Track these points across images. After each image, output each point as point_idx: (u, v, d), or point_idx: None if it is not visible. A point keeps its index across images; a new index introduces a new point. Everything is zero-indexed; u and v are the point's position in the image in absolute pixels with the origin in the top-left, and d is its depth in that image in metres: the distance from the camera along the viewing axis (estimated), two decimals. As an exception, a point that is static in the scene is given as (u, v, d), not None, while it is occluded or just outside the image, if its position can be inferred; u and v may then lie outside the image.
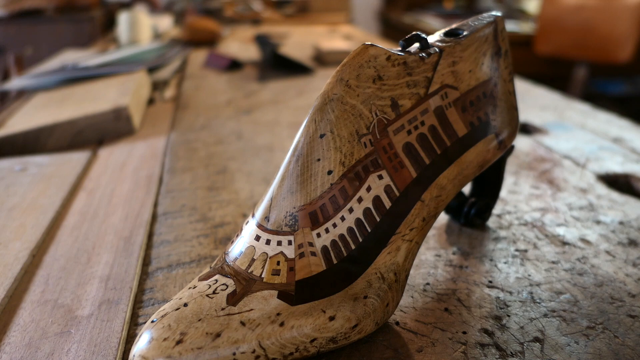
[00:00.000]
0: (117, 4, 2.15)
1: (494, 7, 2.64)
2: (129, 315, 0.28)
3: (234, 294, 0.24)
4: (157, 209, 0.40)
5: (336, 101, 0.24)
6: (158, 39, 1.26)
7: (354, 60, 0.25)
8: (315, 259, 0.24)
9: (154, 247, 0.35)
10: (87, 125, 0.56)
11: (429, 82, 0.26)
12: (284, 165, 0.25)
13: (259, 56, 1.02)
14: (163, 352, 0.21)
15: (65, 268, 0.32)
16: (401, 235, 0.25)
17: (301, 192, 0.24)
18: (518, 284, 0.30)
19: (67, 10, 1.98)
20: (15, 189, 0.43)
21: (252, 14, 1.75)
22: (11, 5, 1.88)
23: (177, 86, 0.82)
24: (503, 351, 0.25)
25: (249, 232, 0.25)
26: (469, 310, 0.28)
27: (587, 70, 1.90)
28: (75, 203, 0.41)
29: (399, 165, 0.25)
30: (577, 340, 0.25)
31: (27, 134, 0.53)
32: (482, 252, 0.33)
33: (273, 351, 0.22)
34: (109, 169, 0.48)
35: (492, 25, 0.29)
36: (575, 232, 0.36)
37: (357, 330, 0.24)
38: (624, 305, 0.28)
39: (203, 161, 0.50)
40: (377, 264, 0.25)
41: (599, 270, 0.31)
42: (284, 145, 0.53)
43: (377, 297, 0.24)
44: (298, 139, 0.25)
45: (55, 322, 0.27)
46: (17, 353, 0.25)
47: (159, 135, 0.58)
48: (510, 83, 0.30)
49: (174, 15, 1.75)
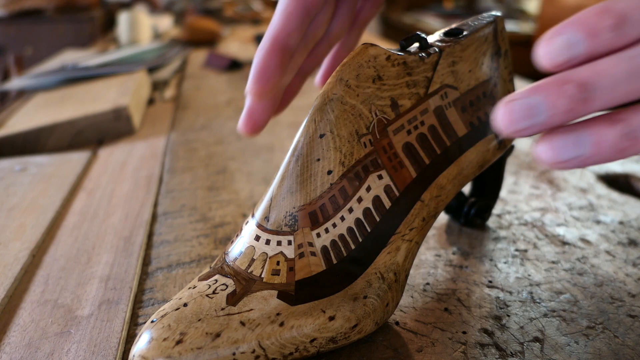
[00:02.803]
0: (117, 4, 2.15)
1: (494, 7, 2.64)
2: (128, 315, 0.28)
3: (234, 294, 0.24)
4: (157, 209, 0.40)
5: (336, 101, 0.24)
6: (158, 39, 1.26)
7: (353, 60, 0.25)
8: (315, 259, 0.24)
9: (154, 247, 0.35)
10: (87, 125, 0.56)
11: (428, 82, 0.26)
12: (284, 165, 0.25)
13: (259, 56, 1.02)
14: (163, 352, 0.21)
15: (65, 268, 0.32)
16: (401, 235, 0.25)
17: (301, 192, 0.24)
18: (518, 283, 0.30)
19: (67, 10, 1.98)
20: (15, 189, 0.43)
21: (252, 14, 1.75)
22: (11, 5, 1.88)
23: (177, 86, 0.82)
24: (503, 351, 0.25)
25: (249, 232, 0.26)
26: (468, 310, 0.28)
27: (587, 70, 1.90)
28: (75, 203, 0.41)
29: (399, 165, 0.25)
30: (577, 340, 0.25)
31: (27, 134, 0.53)
32: (482, 252, 0.33)
33: (273, 351, 0.22)
34: (109, 169, 0.48)
35: (492, 25, 0.29)
36: (575, 232, 0.36)
37: (357, 330, 0.24)
38: (624, 305, 0.28)
39: (203, 161, 0.50)
40: (377, 264, 0.25)
41: (599, 270, 0.31)
42: (284, 145, 0.53)
43: (377, 297, 0.24)
44: (298, 139, 0.25)
45: (55, 322, 0.27)
46: (17, 353, 0.25)
47: (159, 135, 0.58)
48: (510, 83, 0.30)
49: (174, 15, 1.75)
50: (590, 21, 0.17)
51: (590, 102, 0.17)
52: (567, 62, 0.17)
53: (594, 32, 0.17)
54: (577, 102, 0.17)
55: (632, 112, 0.17)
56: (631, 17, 0.17)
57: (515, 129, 0.17)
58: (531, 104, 0.17)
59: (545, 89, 0.17)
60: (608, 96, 0.17)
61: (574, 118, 0.17)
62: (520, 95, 0.17)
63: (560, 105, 0.17)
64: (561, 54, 0.17)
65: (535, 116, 0.17)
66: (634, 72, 0.17)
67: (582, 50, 0.17)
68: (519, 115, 0.17)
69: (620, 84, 0.17)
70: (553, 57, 0.17)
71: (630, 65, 0.17)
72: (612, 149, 0.17)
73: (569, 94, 0.17)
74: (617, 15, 0.17)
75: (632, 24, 0.17)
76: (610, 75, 0.17)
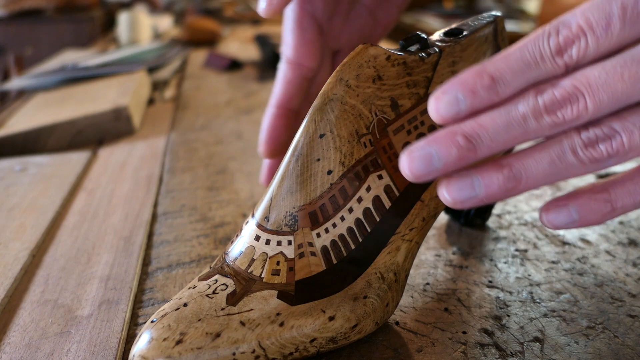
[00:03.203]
0: (117, 4, 2.15)
1: (494, 7, 2.64)
2: (128, 315, 0.28)
3: (234, 294, 0.24)
4: (157, 209, 0.40)
5: (336, 101, 0.24)
6: (158, 39, 1.26)
7: (353, 60, 0.25)
8: (315, 259, 0.24)
9: (154, 247, 0.35)
10: (87, 125, 0.56)
11: (428, 82, 0.26)
12: (284, 165, 0.25)
13: (259, 56, 1.02)
14: (163, 352, 0.21)
15: (65, 268, 0.32)
16: (401, 235, 0.25)
17: (301, 192, 0.24)
18: (518, 283, 0.30)
19: (67, 10, 1.98)
20: (15, 189, 0.43)
21: (252, 14, 1.75)
22: (11, 5, 1.88)
23: (177, 86, 0.82)
24: (503, 351, 0.25)
25: (249, 232, 0.26)
26: (468, 310, 0.28)
27: (587, 70, 1.90)
28: (75, 203, 0.41)
29: (399, 165, 0.25)
30: (577, 340, 0.25)
31: (27, 134, 0.53)
32: (482, 252, 0.33)
33: (273, 351, 0.22)
34: (109, 169, 0.48)
35: (492, 25, 0.29)
36: (575, 232, 0.36)
37: (357, 330, 0.24)
38: (624, 305, 0.28)
39: (203, 161, 0.50)
40: (377, 264, 0.25)
41: (599, 270, 0.31)
42: (284, 145, 0.53)
43: (377, 297, 0.24)
44: (298, 138, 0.25)
45: (55, 322, 0.27)
46: (17, 353, 0.25)
47: (159, 135, 0.58)
48: (510, 83, 0.30)
49: (174, 15, 1.75)
50: (469, 82, 0.20)
51: (477, 150, 0.20)
52: (453, 117, 0.20)
53: (473, 91, 0.20)
54: (466, 151, 0.20)
55: (514, 157, 0.20)
56: (502, 78, 0.19)
57: (416, 175, 0.20)
58: (428, 153, 0.20)
59: (439, 141, 0.20)
60: (491, 145, 0.20)
61: (466, 164, 0.20)
62: (419, 147, 0.20)
63: (452, 155, 0.20)
64: (448, 110, 0.20)
65: (432, 164, 0.20)
66: (510, 124, 0.19)
67: (464, 106, 0.20)
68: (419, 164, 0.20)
69: (500, 134, 0.19)
70: (442, 113, 0.20)
71: (507, 118, 0.19)
72: (500, 189, 0.20)
73: (458, 145, 0.20)
74: (490, 77, 0.19)
75: (504, 83, 0.19)
76: (490, 127, 0.19)
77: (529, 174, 0.20)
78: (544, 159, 0.20)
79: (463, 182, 0.20)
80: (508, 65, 0.20)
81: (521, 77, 0.20)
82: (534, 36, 0.20)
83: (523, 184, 0.20)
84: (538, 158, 0.20)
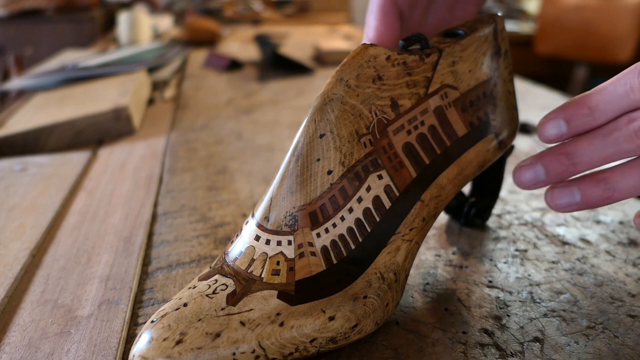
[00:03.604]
0: (117, 4, 2.15)
1: (494, 7, 2.64)
2: (128, 315, 0.28)
3: (234, 294, 0.24)
4: (157, 209, 0.40)
5: (336, 101, 0.24)
6: (158, 39, 1.26)
7: (353, 60, 0.25)
8: (315, 259, 0.24)
9: (154, 247, 0.35)
10: (87, 125, 0.56)
11: (428, 82, 0.26)
12: (284, 165, 0.25)
13: (259, 56, 1.02)
14: (163, 352, 0.21)
15: (65, 268, 0.32)
16: (401, 235, 0.25)
17: (301, 192, 0.24)
18: (518, 283, 0.30)
19: (67, 10, 1.98)
20: (15, 189, 0.43)
21: (252, 14, 1.75)
22: (11, 5, 1.88)
23: (177, 86, 0.82)
24: (503, 351, 0.25)
25: (249, 232, 0.26)
26: (468, 310, 0.28)
27: (587, 70, 1.90)
28: (75, 203, 0.41)
29: (399, 165, 0.25)
30: (577, 340, 0.25)
31: (27, 134, 0.53)
32: (482, 252, 0.33)
33: (273, 351, 0.22)
34: (109, 169, 0.48)
35: (492, 25, 0.29)
36: (575, 232, 0.36)
37: (357, 330, 0.24)
38: (624, 305, 0.28)
39: (203, 161, 0.50)
40: (377, 264, 0.25)
41: (599, 270, 0.31)
42: (284, 145, 0.53)
43: (377, 297, 0.24)
44: (298, 139, 0.25)
45: (55, 322, 0.27)
46: (17, 353, 0.25)
47: (159, 135, 0.58)
48: (510, 83, 0.30)
49: (174, 15, 1.75)
50: (570, 110, 0.25)
51: (577, 166, 0.25)
52: (557, 138, 0.25)
53: (573, 118, 0.25)
54: (567, 167, 0.25)
55: (610, 172, 0.24)
56: (598, 107, 0.24)
57: (525, 184, 0.26)
58: (535, 169, 0.26)
59: (544, 158, 0.26)
60: (589, 161, 0.24)
61: (568, 177, 0.25)
62: (527, 162, 0.26)
63: (555, 169, 0.25)
64: (552, 132, 0.26)
65: (539, 177, 0.26)
66: (606, 144, 0.24)
67: (566, 130, 0.25)
68: (528, 177, 0.26)
69: (596, 152, 0.24)
70: (547, 135, 0.26)
71: (603, 139, 0.24)
72: (597, 199, 0.25)
73: (561, 162, 0.25)
74: (589, 107, 0.24)
75: (600, 111, 0.24)
76: (588, 147, 0.24)
77: (621, 187, 0.24)
78: (635, 175, 0.24)
79: (564, 191, 0.25)
80: (603, 97, 0.24)
81: (615, 105, 0.24)
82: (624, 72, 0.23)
83: (616, 195, 0.24)
84: (629, 174, 0.24)
